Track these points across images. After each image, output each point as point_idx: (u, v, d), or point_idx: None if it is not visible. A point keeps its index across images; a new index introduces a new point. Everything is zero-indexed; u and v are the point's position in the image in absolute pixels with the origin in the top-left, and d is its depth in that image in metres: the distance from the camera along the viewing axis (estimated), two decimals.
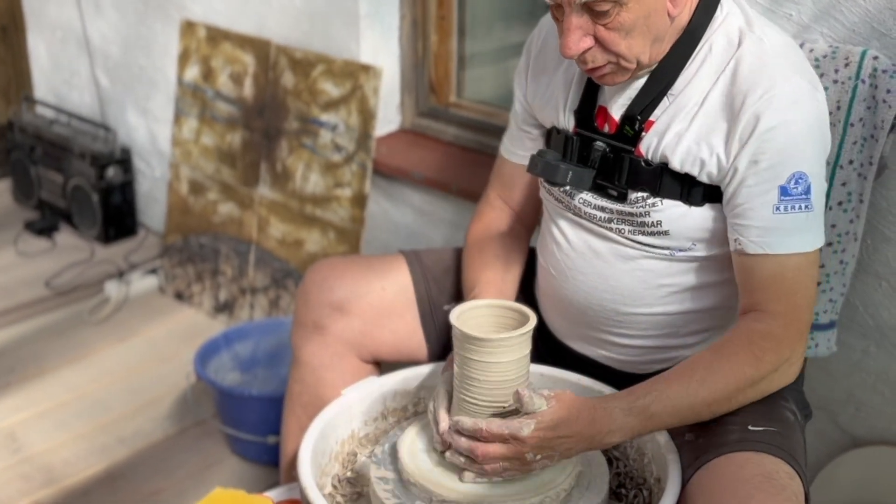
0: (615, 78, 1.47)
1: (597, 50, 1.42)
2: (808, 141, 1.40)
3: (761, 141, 1.39)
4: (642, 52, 1.43)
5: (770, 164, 1.39)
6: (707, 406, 1.40)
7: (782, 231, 1.40)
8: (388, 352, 1.79)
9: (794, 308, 1.41)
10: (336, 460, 1.59)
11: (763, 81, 1.40)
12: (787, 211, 1.39)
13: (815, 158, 1.41)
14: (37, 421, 2.54)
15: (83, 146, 3.33)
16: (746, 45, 1.44)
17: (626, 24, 1.39)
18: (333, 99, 2.59)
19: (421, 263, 1.82)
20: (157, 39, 3.14)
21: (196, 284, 3.06)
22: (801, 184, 1.39)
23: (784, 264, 1.41)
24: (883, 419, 1.86)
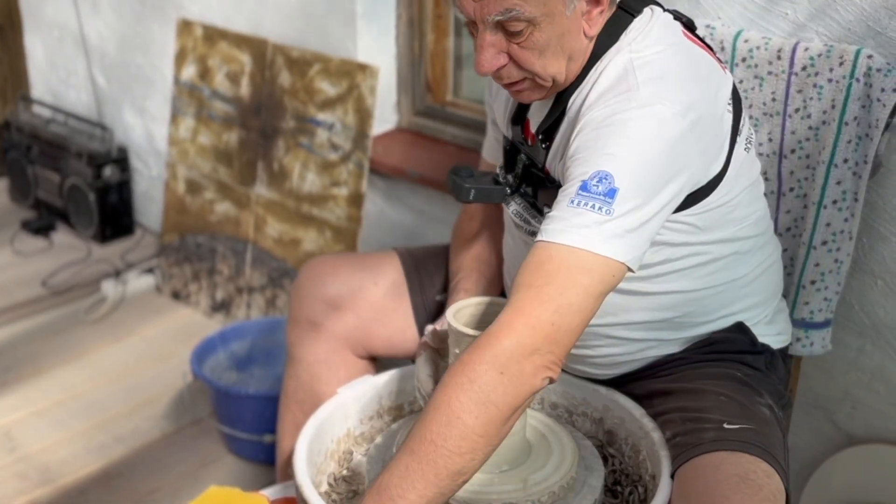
0: (532, 95, 1.46)
1: (511, 67, 1.41)
2: (630, 149, 1.31)
3: (582, 141, 1.34)
4: (558, 72, 1.41)
5: (581, 161, 1.32)
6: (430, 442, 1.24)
7: (564, 222, 1.28)
8: (383, 347, 1.80)
9: (532, 300, 1.26)
10: (332, 459, 1.59)
11: (610, 93, 1.37)
12: (579, 206, 1.28)
13: (633, 169, 1.29)
14: (33, 420, 2.54)
15: (80, 145, 3.33)
16: (617, 59, 1.40)
17: (540, 44, 1.37)
18: (330, 98, 2.59)
19: (413, 258, 1.84)
20: (154, 38, 3.14)
21: (193, 284, 3.06)
22: (603, 184, 1.28)
23: (550, 255, 1.28)
24: (879, 417, 1.86)
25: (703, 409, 1.46)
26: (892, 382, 1.83)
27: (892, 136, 1.68)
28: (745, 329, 1.56)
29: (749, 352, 1.57)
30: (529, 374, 1.26)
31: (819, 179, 1.69)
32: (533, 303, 1.26)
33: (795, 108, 1.71)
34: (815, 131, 1.70)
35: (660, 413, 1.52)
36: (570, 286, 1.26)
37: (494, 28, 1.37)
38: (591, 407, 1.63)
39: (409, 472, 1.24)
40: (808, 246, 1.73)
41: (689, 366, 1.54)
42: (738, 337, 1.56)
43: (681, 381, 1.53)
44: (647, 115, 1.32)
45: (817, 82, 1.68)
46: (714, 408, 1.45)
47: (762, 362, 1.58)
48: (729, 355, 1.55)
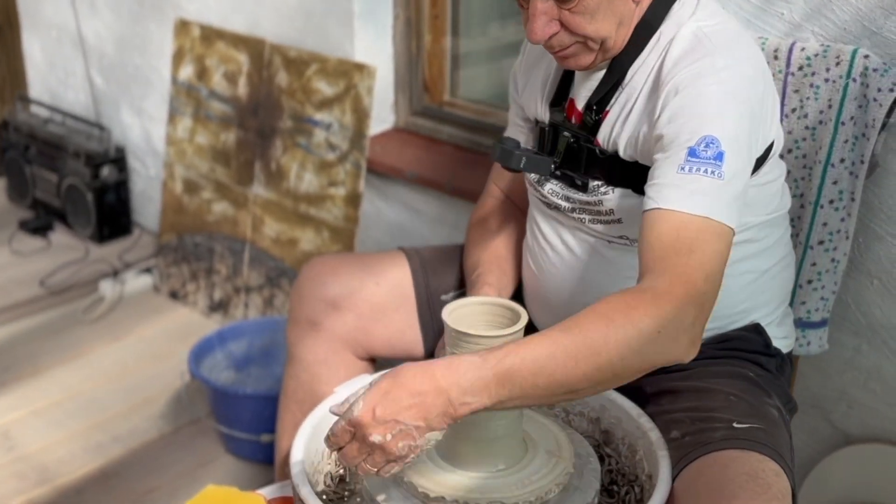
0: (579, 60, 1.49)
1: (563, 34, 1.45)
2: (728, 110, 1.35)
3: (677, 106, 1.37)
4: (608, 35, 1.45)
5: (682, 128, 1.35)
6: (572, 358, 1.21)
7: (682, 190, 1.31)
8: (383, 347, 1.80)
9: (685, 268, 1.27)
10: (329, 458, 1.59)
11: (690, 57, 1.41)
12: (691, 172, 1.31)
13: (735, 132, 1.34)
14: (31, 420, 2.54)
15: (78, 145, 3.34)
16: (683, 30, 1.45)
17: (591, 7, 1.41)
18: (327, 98, 2.59)
19: (420, 256, 1.84)
20: (152, 38, 3.14)
21: (190, 283, 3.06)
22: (711, 148, 1.32)
23: (683, 222, 1.29)
24: (875, 417, 1.87)
25: (713, 409, 1.46)
26: (888, 382, 1.83)
27: (888, 135, 1.68)
28: (760, 330, 1.57)
29: (762, 353, 1.58)
30: (684, 345, 1.27)
31: (816, 179, 1.70)
32: (688, 270, 1.27)
33: (792, 108, 1.72)
34: (812, 131, 1.71)
35: (668, 412, 1.51)
36: (712, 254, 1.29)
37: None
38: (587, 406, 1.63)
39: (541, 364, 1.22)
40: (804, 245, 1.73)
41: (703, 361, 1.55)
42: (754, 337, 1.57)
43: (691, 380, 1.53)
44: (735, 77, 1.38)
45: (814, 82, 1.68)
46: (724, 407, 1.45)
47: (773, 365, 1.59)
48: (743, 354, 1.56)
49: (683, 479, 1.39)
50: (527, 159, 1.56)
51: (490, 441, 1.42)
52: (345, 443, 1.25)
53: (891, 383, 1.83)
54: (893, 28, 1.64)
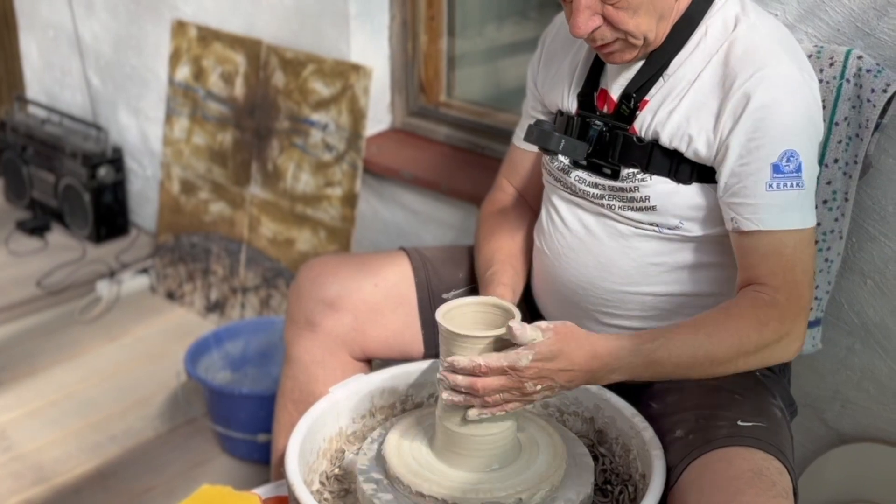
0: (623, 55, 1.51)
1: (605, 28, 1.47)
2: (800, 121, 1.43)
3: (753, 119, 1.42)
4: (649, 30, 1.47)
5: (762, 142, 1.42)
6: (710, 361, 1.41)
7: (776, 208, 1.42)
8: (380, 348, 1.80)
9: (794, 283, 1.43)
10: (324, 457, 1.60)
11: (755, 62, 1.44)
12: (780, 188, 1.42)
13: (807, 139, 1.43)
14: (28, 419, 2.55)
15: (75, 146, 3.34)
16: (741, 28, 1.48)
17: (634, 2, 1.44)
18: (324, 98, 2.60)
19: (421, 255, 1.85)
20: (149, 39, 3.14)
21: (187, 284, 3.06)
22: (792, 161, 1.41)
23: (782, 240, 1.43)
24: (868, 416, 1.87)
25: (718, 407, 1.48)
26: (881, 381, 1.84)
27: (881, 136, 1.68)
28: None
29: None
30: (794, 352, 1.46)
31: None
32: (798, 285, 1.44)
33: None
34: None
35: (675, 411, 1.52)
36: (808, 260, 1.45)
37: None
38: (581, 406, 1.63)
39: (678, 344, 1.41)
40: None
41: None
42: None
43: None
44: (804, 84, 1.44)
45: None
46: (728, 405, 1.48)
47: (777, 365, 1.60)
48: None
49: (689, 475, 1.40)
50: (565, 142, 1.57)
51: (485, 441, 1.42)
52: (493, 374, 1.36)
53: (884, 383, 1.83)
54: (886, 29, 1.64)
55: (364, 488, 1.44)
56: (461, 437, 1.42)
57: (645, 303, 1.58)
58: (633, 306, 1.59)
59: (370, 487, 1.44)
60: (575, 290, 1.63)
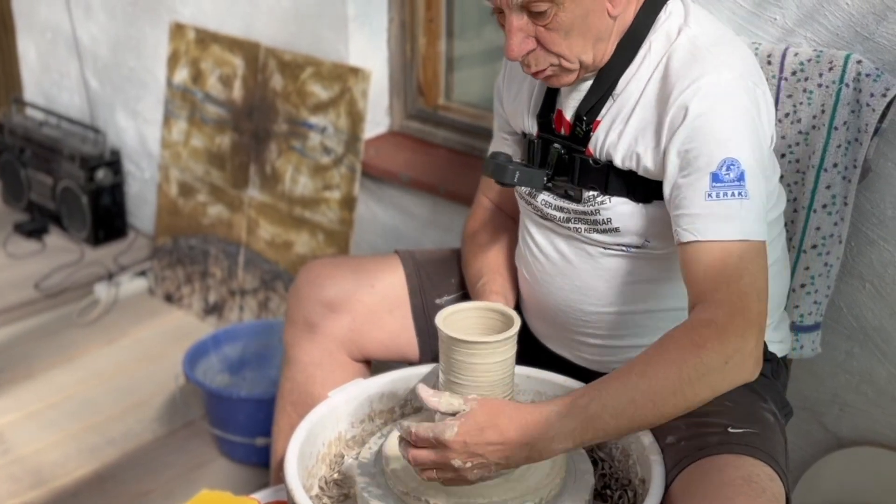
0: (560, 80, 1.50)
1: (540, 52, 1.45)
2: (740, 130, 1.38)
3: (691, 129, 1.38)
4: (583, 53, 1.45)
5: (700, 151, 1.37)
6: (651, 401, 1.30)
7: (715, 217, 1.35)
8: (379, 350, 1.81)
9: (739, 296, 1.33)
10: (323, 462, 1.60)
11: (692, 73, 1.41)
12: (720, 198, 1.35)
13: (750, 149, 1.37)
14: (26, 422, 2.54)
15: (73, 148, 3.33)
16: (680, 40, 1.45)
17: (565, 24, 1.42)
18: (322, 101, 2.60)
19: (414, 260, 1.85)
20: (147, 41, 3.14)
21: (185, 286, 3.06)
22: (733, 170, 1.35)
23: (725, 251, 1.34)
24: (867, 420, 1.87)
25: (708, 414, 1.46)
26: (879, 385, 1.84)
27: (881, 140, 1.69)
28: None
29: None
30: (750, 370, 1.34)
31: (809, 184, 1.70)
32: (742, 297, 1.33)
33: (785, 113, 1.72)
34: (805, 136, 1.71)
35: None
36: (757, 272, 1.35)
37: (520, 11, 1.42)
38: None
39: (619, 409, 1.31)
40: (798, 249, 1.74)
41: None
42: None
43: None
44: (741, 93, 1.40)
45: (807, 87, 1.68)
46: (719, 412, 1.46)
47: (769, 369, 1.59)
48: None
49: (679, 483, 1.39)
50: (520, 173, 1.56)
51: None
52: (422, 447, 1.33)
53: (882, 386, 1.83)
54: (886, 34, 1.64)
55: (363, 493, 1.44)
56: None
57: (627, 321, 1.57)
58: (612, 325, 1.58)
59: (369, 492, 1.44)
60: (557, 314, 1.63)
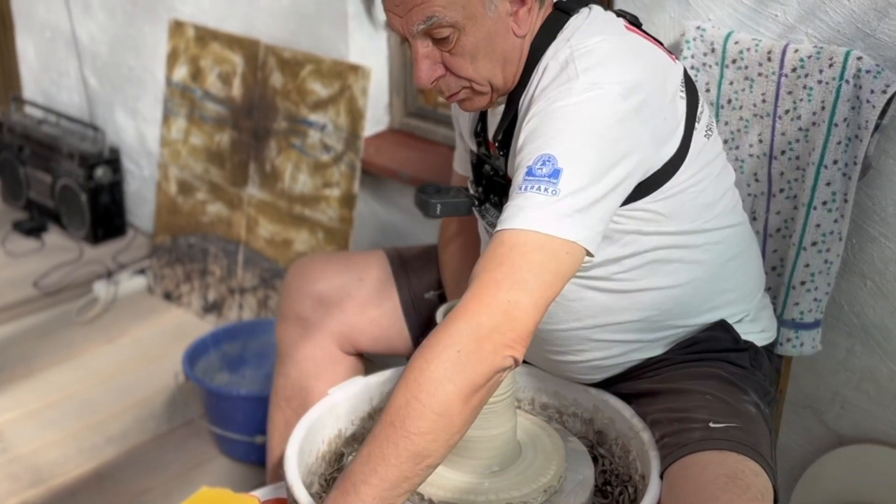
0: (473, 104, 1.48)
1: (449, 77, 1.43)
2: (570, 129, 1.31)
3: (527, 133, 1.34)
4: (493, 75, 1.43)
5: (525, 150, 1.33)
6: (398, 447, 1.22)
7: (515, 208, 1.28)
8: (370, 343, 1.83)
9: (487, 281, 1.25)
10: (323, 459, 1.60)
11: (552, 85, 1.37)
12: (527, 190, 1.28)
13: (576, 149, 1.30)
14: (25, 421, 2.54)
15: (72, 146, 3.33)
16: (558, 55, 1.40)
17: (469, 48, 1.39)
18: (322, 99, 2.59)
19: (400, 256, 1.87)
20: (146, 39, 3.14)
21: (185, 284, 3.06)
22: (546, 166, 1.28)
23: (503, 239, 1.27)
24: (868, 417, 1.87)
25: (689, 409, 1.46)
26: (880, 383, 1.83)
27: (881, 137, 1.68)
28: (727, 327, 1.56)
29: (732, 350, 1.56)
30: (489, 353, 1.23)
31: (809, 181, 1.70)
32: (488, 285, 1.24)
33: (785, 110, 1.72)
34: (805, 133, 1.71)
35: (647, 414, 1.52)
36: (523, 264, 1.25)
37: (424, 38, 1.39)
38: (581, 407, 1.63)
39: (371, 457, 1.23)
40: (797, 247, 1.74)
41: (674, 367, 1.55)
42: (721, 335, 1.56)
43: (666, 382, 1.54)
44: (588, 99, 1.32)
45: (807, 84, 1.68)
46: (700, 407, 1.45)
47: (746, 359, 1.58)
48: (712, 354, 1.55)
49: (665, 481, 1.39)
50: (442, 206, 1.56)
51: (484, 442, 1.42)
52: None
53: (884, 384, 1.83)
54: (887, 30, 1.64)
55: None
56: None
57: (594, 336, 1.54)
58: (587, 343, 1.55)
59: None
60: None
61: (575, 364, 1.58)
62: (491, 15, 1.38)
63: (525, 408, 1.66)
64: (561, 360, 1.59)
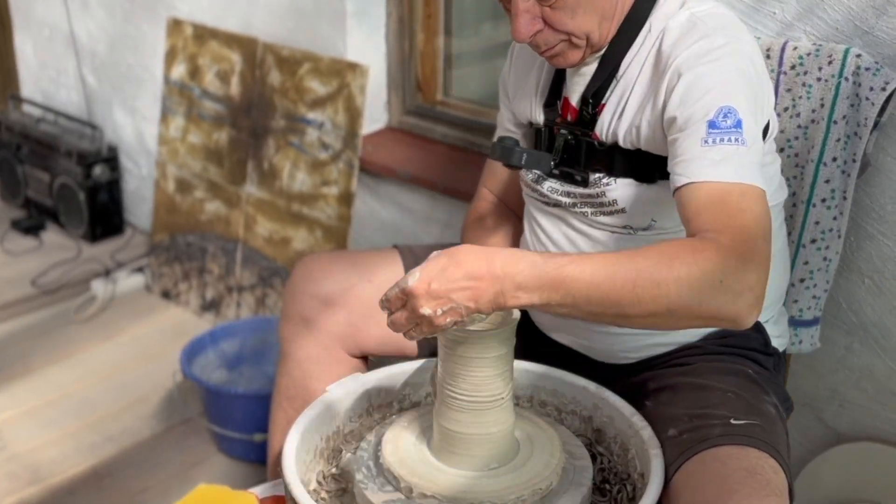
0: (567, 58, 1.51)
1: (548, 32, 1.47)
2: (736, 82, 1.37)
3: (685, 89, 1.38)
4: (591, 30, 1.47)
5: (697, 103, 1.36)
6: (631, 282, 1.21)
7: (711, 161, 1.32)
8: (376, 345, 1.80)
9: (742, 228, 1.26)
10: (321, 457, 1.59)
11: (686, 41, 1.42)
12: (716, 143, 1.32)
13: (744, 99, 1.36)
14: (23, 419, 2.54)
15: (70, 144, 3.33)
16: (677, 17, 1.47)
17: (571, 3, 1.44)
18: (320, 97, 2.59)
19: (414, 254, 1.84)
20: (145, 38, 3.13)
21: (183, 283, 3.05)
22: (730, 117, 1.34)
23: (724, 190, 1.30)
24: (866, 415, 1.87)
25: (710, 406, 1.46)
26: (879, 381, 1.83)
27: (880, 134, 1.68)
28: (760, 328, 1.58)
29: (761, 351, 1.58)
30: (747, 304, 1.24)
31: (808, 178, 1.70)
32: (746, 229, 1.26)
33: (785, 107, 1.72)
34: (805, 130, 1.71)
35: (667, 409, 1.52)
36: (761, 214, 1.29)
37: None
38: (580, 405, 1.63)
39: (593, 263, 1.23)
40: (797, 244, 1.74)
41: (703, 357, 1.55)
42: (754, 335, 1.57)
43: (690, 376, 1.54)
44: (735, 51, 1.40)
45: (806, 81, 1.68)
46: (721, 404, 1.46)
47: (771, 363, 1.60)
48: (742, 351, 1.57)
49: (682, 475, 1.39)
50: (527, 155, 1.57)
51: (482, 440, 1.42)
52: (396, 309, 1.28)
53: (882, 382, 1.83)
54: (885, 27, 1.64)
55: (361, 487, 1.44)
56: (458, 435, 1.41)
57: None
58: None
59: (368, 487, 1.44)
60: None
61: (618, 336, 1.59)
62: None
63: (524, 405, 1.66)
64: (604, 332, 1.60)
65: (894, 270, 1.75)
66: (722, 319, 1.25)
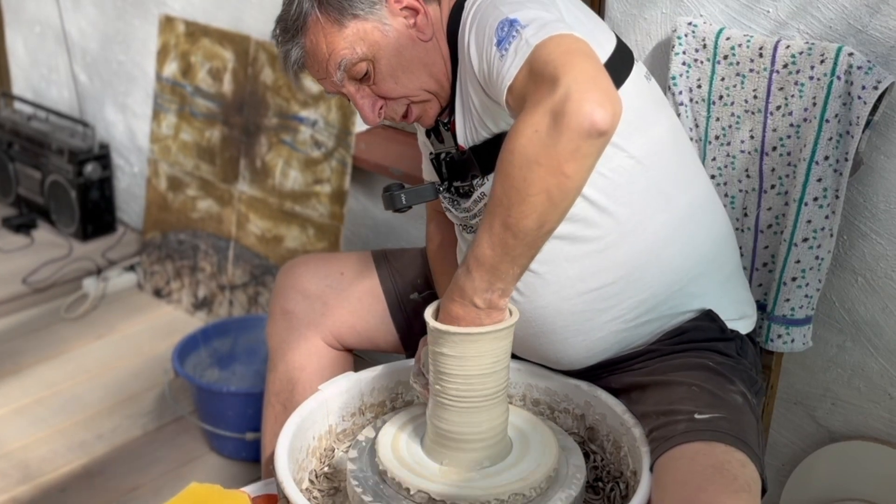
0: (429, 114, 1.54)
1: (390, 104, 1.51)
2: (507, 5, 1.34)
3: (475, 39, 1.37)
4: (422, 83, 1.50)
5: (484, 43, 1.34)
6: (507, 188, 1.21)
7: (510, 61, 1.28)
8: (356, 339, 1.84)
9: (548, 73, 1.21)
10: (313, 455, 1.59)
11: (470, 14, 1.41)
12: (507, 49, 1.29)
13: (525, 9, 1.32)
14: (14, 417, 2.53)
15: (61, 142, 3.32)
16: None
17: (387, 71, 1.46)
18: (313, 95, 2.59)
19: (386, 259, 1.89)
20: (136, 35, 3.12)
21: (175, 281, 3.05)
22: (504, 24, 1.31)
23: (527, 68, 1.26)
24: (859, 413, 1.87)
25: (675, 402, 1.46)
26: (871, 379, 1.84)
27: (872, 133, 1.69)
28: (713, 316, 1.56)
29: (719, 339, 1.56)
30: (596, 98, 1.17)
31: (800, 177, 1.70)
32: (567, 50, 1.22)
33: (777, 106, 1.72)
34: (797, 129, 1.71)
35: (637, 408, 1.52)
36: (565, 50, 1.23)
37: (351, 83, 1.49)
38: (572, 403, 1.63)
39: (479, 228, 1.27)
40: (789, 243, 1.74)
41: (662, 358, 1.55)
42: (707, 325, 1.56)
43: (654, 375, 1.53)
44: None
45: (798, 80, 1.68)
46: (685, 399, 1.45)
47: (733, 349, 1.58)
48: (699, 344, 1.55)
49: (654, 474, 1.39)
50: (406, 195, 1.58)
51: (475, 439, 1.41)
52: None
53: (874, 380, 1.83)
54: (878, 26, 1.64)
55: (354, 486, 1.44)
56: (451, 435, 1.41)
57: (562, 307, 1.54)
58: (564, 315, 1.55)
59: (360, 485, 1.43)
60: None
61: (563, 344, 1.57)
62: (390, 35, 1.46)
63: (517, 403, 1.66)
64: (546, 344, 1.58)
65: (887, 269, 1.76)
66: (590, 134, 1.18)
